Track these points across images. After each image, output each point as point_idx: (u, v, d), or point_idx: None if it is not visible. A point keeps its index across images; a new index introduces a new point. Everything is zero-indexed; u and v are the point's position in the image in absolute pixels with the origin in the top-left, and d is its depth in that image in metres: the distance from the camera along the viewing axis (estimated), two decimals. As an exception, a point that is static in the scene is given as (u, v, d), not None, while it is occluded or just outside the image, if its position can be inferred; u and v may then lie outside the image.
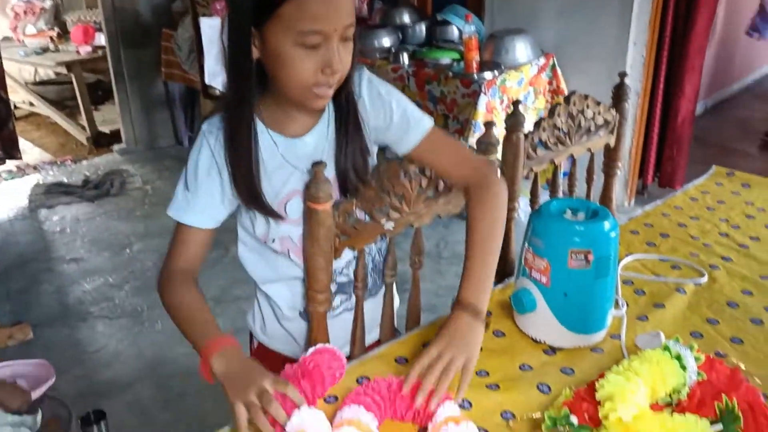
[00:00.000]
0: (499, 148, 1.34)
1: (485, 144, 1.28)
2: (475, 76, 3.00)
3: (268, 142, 1.08)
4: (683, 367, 0.93)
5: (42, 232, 3.52)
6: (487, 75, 3.00)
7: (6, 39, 5.59)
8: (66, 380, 2.26)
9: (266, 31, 0.96)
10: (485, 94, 2.93)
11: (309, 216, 1.05)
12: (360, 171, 1.12)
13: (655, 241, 1.48)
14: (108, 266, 3.13)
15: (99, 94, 5.62)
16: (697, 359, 0.95)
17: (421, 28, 3.59)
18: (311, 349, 1.01)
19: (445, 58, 3.30)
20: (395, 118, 1.13)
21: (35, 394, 2.03)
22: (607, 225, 1.07)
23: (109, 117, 5.23)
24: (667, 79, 3.25)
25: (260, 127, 1.07)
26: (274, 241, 1.12)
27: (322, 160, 1.04)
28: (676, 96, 3.26)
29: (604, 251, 1.07)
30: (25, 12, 6.01)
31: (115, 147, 4.67)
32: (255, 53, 0.99)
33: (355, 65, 1.05)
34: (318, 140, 1.10)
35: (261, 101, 1.07)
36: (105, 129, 4.98)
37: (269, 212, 1.08)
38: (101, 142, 4.86)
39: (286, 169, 1.09)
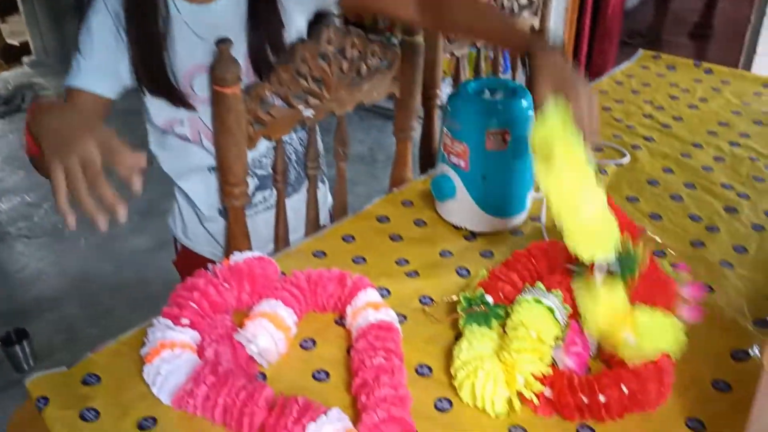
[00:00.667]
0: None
1: None
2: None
3: (172, 10, 0.99)
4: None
5: (-51, 151, 3.30)
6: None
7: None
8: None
9: None
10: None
11: (216, 101, 0.96)
12: (275, 47, 1.03)
13: (579, 126, 1.46)
14: (24, 184, 2.96)
15: (5, 5, 5.17)
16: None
17: None
18: (241, 256, 0.93)
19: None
20: None
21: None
22: (524, 103, 1.03)
23: (17, 29, 4.84)
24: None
25: None
26: (183, 123, 1.04)
27: (231, 33, 0.95)
28: (607, -13, 3.20)
29: (521, 131, 1.03)
30: None
31: (25, 59, 4.35)
32: None
33: None
34: (227, 9, 1.01)
35: None
36: (14, 41, 4.62)
37: (173, 93, 1.00)
38: (10, 55, 4.52)
39: (191, 39, 1.00)
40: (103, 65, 0.97)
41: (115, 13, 0.97)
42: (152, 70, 0.97)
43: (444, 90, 1.38)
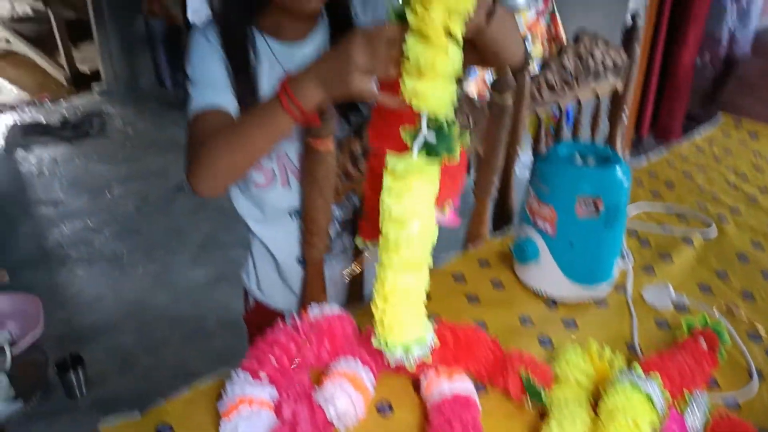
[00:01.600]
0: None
1: (501, 84, 1.17)
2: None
3: (263, 47, 1.02)
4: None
5: (18, 173, 3.40)
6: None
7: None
8: (44, 324, 2.19)
9: None
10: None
11: (308, 153, 0.95)
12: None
13: (661, 192, 1.41)
14: (87, 209, 3.03)
15: (79, 32, 5.39)
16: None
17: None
18: (320, 310, 0.92)
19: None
20: (381, 6, 1.06)
21: (21, 345, 1.98)
22: (619, 171, 1.00)
23: (89, 56, 5.03)
24: (669, 28, 3.14)
25: (257, 35, 1.02)
26: (271, 158, 1.04)
27: None
28: (678, 46, 3.15)
29: (615, 199, 0.99)
30: (-1, -57, 5.72)
31: (95, 87, 4.50)
32: None
33: None
34: (315, 50, 1.03)
35: (257, 8, 1.00)
36: (85, 68, 4.80)
37: None
38: (81, 81, 4.68)
39: (281, 76, 1.01)
40: (218, 83, 0.97)
41: (214, 43, 0.99)
42: (245, 102, 0.98)
43: (523, 149, 1.36)
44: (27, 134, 3.78)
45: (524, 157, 1.66)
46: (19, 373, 1.94)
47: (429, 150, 0.72)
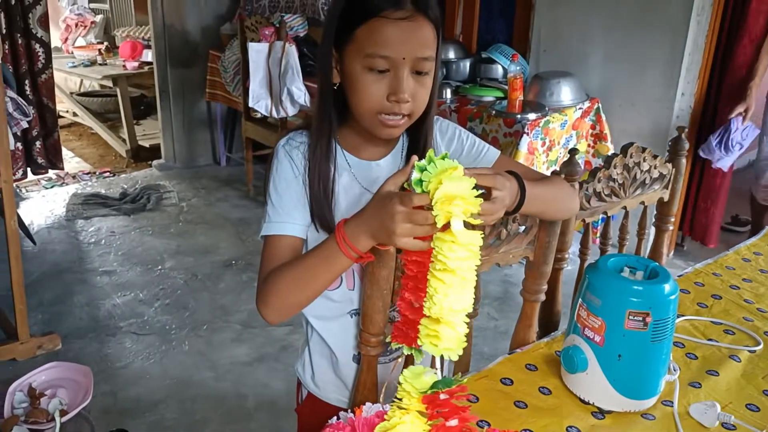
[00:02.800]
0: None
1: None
2: (519, 116, 2.98)
3: (342, 162, 1.09)
4: None
5: (77, 242, 3.56)
6: (531, 116, 2.98)
7: (55, 49, 5.73)
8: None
9: (344, 54, 0.99)
10: (528, 134, 2.91)
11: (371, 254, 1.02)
12: None
13: (707, 303, 1.43)
14: (139, 281, 3.14)
15: (141, 109, 5.71)
16: None
17: (466, 65, 3.59)
18: (373, 408, 0.96)
19: (489, 96, 3.29)
20: (464, 151, 1.14)
21: (71, 414, 2.04)
22: (667, 287, 1.04)
23: (149, 131, 5.31)
24: (710, 132, 3.19)
25: (338, 150, 1.09)
26: None
27: None
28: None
29: (663, 314, 1.03)
30: (76, 25, 6.18)
31: (154, 162, 4.73)
32: (336, 76, 1.02)
33: (433, 104, 1.06)
34: (391, 168, 1.10)
35: (342, 124, 1.08)
36: (144, 143, 5.05)
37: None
38: (140, 156, 4.93)
39: (356, 189, 1.09)
40: (293, 211, 1.05)
41: (297, 161, 1.06)
42: (323, 212, 1.05)
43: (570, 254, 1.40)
44: (87, 204, 3.97)
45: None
46: (67, 445, 2.00)
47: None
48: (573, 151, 1.32)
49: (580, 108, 3.16)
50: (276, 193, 1.05)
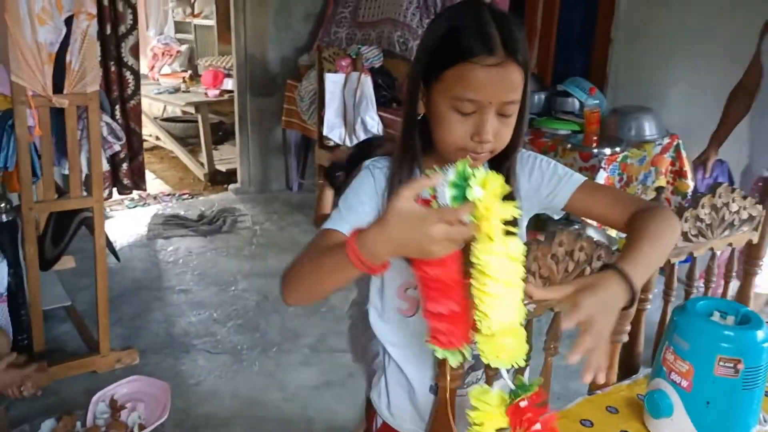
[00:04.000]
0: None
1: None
2: (595, 150, 2.94)
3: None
4: None
5: (157, 260, 3.70)
6: (607, 150, 2.94)
7: (142, 76, 6.03)
8: (167, 411, 2.31)
9: (432, 90, 1.01)
10: (604, 169, 2.87)
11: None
12: None
13: (800, 352, 1.36)
14: (214, 301, 3.23)
15: (219, 134, 5.93)
16: None
17: (541, 98, 3.58)
18: None
19: (564, 130, 3.27)
20: (545, 178, 1.14)
21: (147, 429, 2.11)
22: (760, 334, 1.00)
23: (226, 156, 5.49)
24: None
25: (417, 175, 1.09)
26: (416, 287, 1.12)
27: None
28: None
29: (755, 361, 0.99)
30: (162, 53, 6.50)
31: (230, 186, 4.88)
32: (421, 108, 1.04)
33: (518, 143, 1.07)
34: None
35: (425, 153, 1.09)
36: (221, 167, 5.23)
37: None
38: (217, 179, 5.10)
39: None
40: (355, 215, 1.05)
41: (379, 180, 1.08)
42: None
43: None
44: (167, 225, 4.13)
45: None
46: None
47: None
48: (659, 189, 1.30)
49: (659, 144, 3.10)
50: (346, 203, 1.07)
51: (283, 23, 4.51)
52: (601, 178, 2.85)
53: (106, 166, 2.48)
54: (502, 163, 1.08)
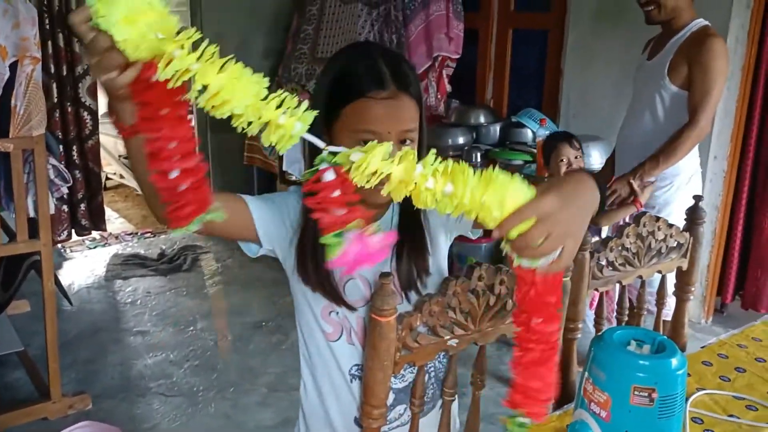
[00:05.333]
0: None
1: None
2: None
3: None
4: None
5: (115, 302, 3.65)
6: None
7: (105, 114, 6.00)
8: (117, 457, 2.26)
9: (333, 129, 1.04)
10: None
11: (372, 328, 1.03)
12: (419, 269, 1.13)
13: (730, 376, 1.39)
14: (171, 342, 3.18)
15: (184, 171, 5.90)
16: None
17: (495, 129, 3.65)
18: None
19: (518, 160, 3.32)
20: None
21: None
22: (674, 362, 1.01)
23: (190, 194, 5.46)
24: (750, 195, 3.14)
25: None
26: (338, 313, 1.13)
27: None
28: (760, 212, 3.12)
29: (670, 390, 1.00)
30: (126, 92, 6.48)
31: (193, 223, 4.85)
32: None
33: None
34: (383, 229, 1.11)
35: None
36: (185, 205, 5.19)
37: (333, 293, 1.10)
38: (180, 217, 5.06)
39: None
40: (271, 213, 1.09)
41: (299, 207, 1.10)
42: (318, 269, 1.08)
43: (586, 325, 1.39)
44: (127, 265, 4.09)
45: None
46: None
47: None
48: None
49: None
50: (268, 195, 1.12)
51: (242, 60, 4.51)
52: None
53: (53, 209, 2.44)
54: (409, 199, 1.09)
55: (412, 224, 1.13)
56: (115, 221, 5.07)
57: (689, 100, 2.28)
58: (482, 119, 3.70)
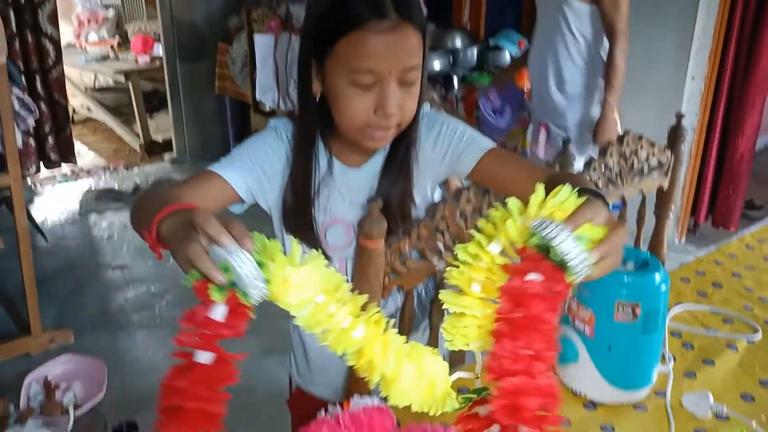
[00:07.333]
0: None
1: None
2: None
3: (323, 162, 1.06)
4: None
5: (90, 237, 3.60)
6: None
7: (69, 46, 5.77)
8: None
9: (326, 67, 0.94)
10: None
11: (360, 253, 1.02)
12: (396, 215, 1.07)
13: (707, 291, 1.42)
14: (151, 275, 3.17)
15: (154, 103, 5.75)
16: None
17: (473, 53, 3.58)
18: (360, 402, 0.96)
19: (496, 84, 3.27)
20: (452, 145, 1.06)
21: (84, 408, 2.07)
22: (657, 278, 1.03)
23: (162, 126, 5.34)
24: (725, 115, 3.15)
25: (322, 149, 1.06)
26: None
27: (367, 193, 1.03)
28: (735, 133, 3.15)
29: (652, 305, 1.02)
30: (88, 20, 6.22)
31: (166, 156, 4.76)
32: (317, 87, 0.97)
33: (420, 111, 1.01)
34: (370, 174, 1.08)
35: (329, 135, 1.05)
36: (158, 137, 5.08)
37: (313, 238, 1.06)
38: (154, 150, 4.96)
39: (335, 195, 1.07)
40: (248, 166, 1.01)
41: (285, 140, 1.04)
42: (301, 214, 1.05)
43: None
44: (100, 199, 4.02)
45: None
46: (81, 437, 2.04)
47: None
48: (566, 143, 1.31)
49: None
50: (240, 148, 1.03)
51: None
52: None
53: (20, 143, 2.36)
54: (402, 134, 1.02)
55: (400, 173, 1.06)
56: (85, 155, 4.95)
57: (602, 15, 2.34)
58: (459, 43, 3.63)
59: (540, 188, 0.73)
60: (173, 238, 0.74)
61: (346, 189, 1.07)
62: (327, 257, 1.06)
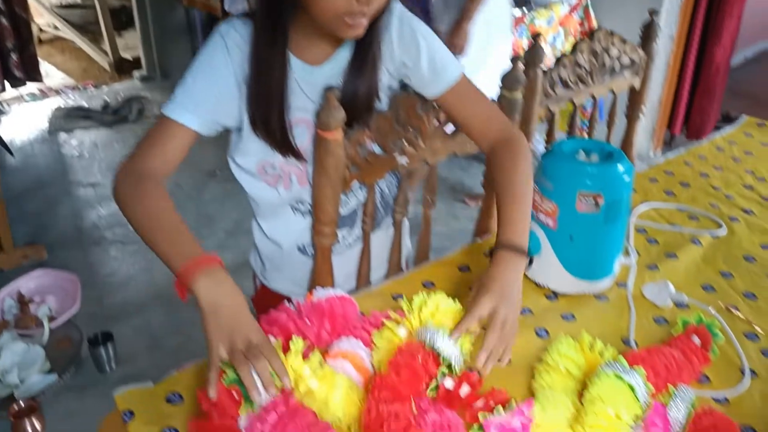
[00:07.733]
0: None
1: (511, 80, 1.21)
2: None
3: (286, 63, 1.00)
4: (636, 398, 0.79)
5: (60, 155, 3.53)
6: (516, 12, 2.87)
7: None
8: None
9: None
10: (512, 32, 2.82)
11: (318, 144, 1.00)
12: (361, 109, 1.05)
13: (674, 190, 1.42)
14: (124, 192, 3.13)
15: (123, 20, 5.53)
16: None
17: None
18: (323, 293, 0.96)
19: None
20: (423, 63, 1.04)
21: (59, 321, 2.07)
22: (620, 168, 1.02)
23: (132, 43, 5.16)
24: (704, 25, 3.09)
25: (281, 42, 0.99)
26: (274, 167, 1.07)
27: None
28: (712, 43, 3.10)
29: (615, 195, 1.01)
30: (49, -69, 5.89)
31: (135, 73, 4.63)
32: None
33: (392, 3, 0.98)
34: (333, 70, 1.04)
35: (288, 20, 0.98)
36: (127, 55, 4.92)
37: (283, 140, 1.03)
38: (123, 68, 4.81)
39: (297, 95, 1.03)
40: (203, 102, 0.97)
41: (234, 54, 0.98)
42: (269, 117, 1.00)
43: (536, 144, 1.38)
44: (70, 118, 3.92)
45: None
46: (55, 348, 2.05)
47: None
48: (536, 36, 1.27)
49: (567, 3, 3.05)
50: (193, 76, 0.98)
51: None
52: (510, 41, 2.80)
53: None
54: (368, 29, 0.96)
55: (365, 65, 1.02)
56: (54, 76, 4.79)
57: None
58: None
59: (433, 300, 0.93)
60: (217, 329, 0.81)
61: (310, 88, 1.03)
62: (299, 158, 1.04)
